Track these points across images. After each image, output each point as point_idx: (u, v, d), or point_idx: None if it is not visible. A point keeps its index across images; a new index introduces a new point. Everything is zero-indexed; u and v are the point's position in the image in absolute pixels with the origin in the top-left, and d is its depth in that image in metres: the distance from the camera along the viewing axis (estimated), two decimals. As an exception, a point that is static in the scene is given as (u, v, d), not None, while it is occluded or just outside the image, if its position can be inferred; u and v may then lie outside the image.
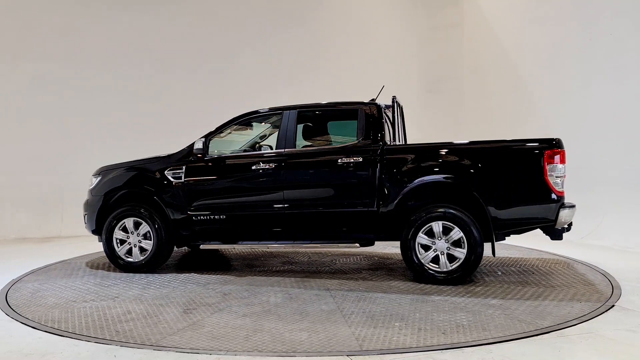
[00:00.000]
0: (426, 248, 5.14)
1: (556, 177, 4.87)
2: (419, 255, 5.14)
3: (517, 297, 4.61)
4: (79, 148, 9.46)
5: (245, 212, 5.65)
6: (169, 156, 6.00)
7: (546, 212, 4.91)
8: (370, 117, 5.47)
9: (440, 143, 5.34)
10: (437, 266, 5.10)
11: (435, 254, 5.11)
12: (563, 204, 4.92)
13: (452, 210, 5.04)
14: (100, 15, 9.64)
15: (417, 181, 5.18)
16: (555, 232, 5.09)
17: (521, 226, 5.06)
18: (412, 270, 5.26)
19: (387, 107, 5.78)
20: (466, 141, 5.32)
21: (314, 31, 11.06)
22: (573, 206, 5.06)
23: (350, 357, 3.28)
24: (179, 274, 5.84)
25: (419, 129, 9.87)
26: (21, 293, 5.02)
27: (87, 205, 6.29)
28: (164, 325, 3.98)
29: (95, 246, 7.81)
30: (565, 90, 8.71)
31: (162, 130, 9.87)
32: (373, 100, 5.65)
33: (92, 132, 9.54)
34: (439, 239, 5.08)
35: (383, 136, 5.41)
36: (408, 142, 6.46)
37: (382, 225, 5.30)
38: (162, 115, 9.93)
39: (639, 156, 7.43)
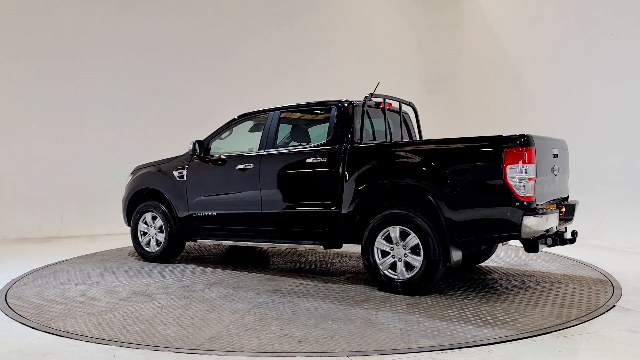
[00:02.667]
0: (385, 253, 4.84)
1: (519, 179, 4.26)
2: (377, 261, 4.85)
3: (448, 314, 4.12)
4: (79, 148, 9.45)
5: (231, 210, 5.97)
6: (179, 157, 6.49)
7: (507, 218, 4.29)
8: (339, 117, 5.30)
9: (402, 142, 5.14)
10: (395, 273, 4.79)
11: (394, 260, 4.79)
12: (533, 209, 4.28)
13: (409, 214, 4.67)
14: (99, 15, 9.62)
15: (375, 182, 4.93)
16: (526, 243, 4.55)
17: (483, 234, 4.50)
18: (370, 277, 4.99)
19: (376, 105, 5.58)
20: (424, 140, 5.10)
21: (314, 30, 11.05)
22: (543, 214, 4.33)
23: (351, 357, 3.28)
24: (182, 266, 6.28)
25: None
26: (21, 293, 5.01)
27: (123, 201, 6.96)
28: (80, 309, 4.45)
29: (95, 246, 7.85)
30: (565, 90, 8.70)
31: (164, 129, 9.87)
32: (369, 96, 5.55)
33: (92, 131, 9.53)
34: (397, 244, 4.75)
35: (351, 135, 5.21)
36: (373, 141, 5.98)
37: (345, 227, 5.12)
38: (163, 114, 9.92)
39: (639, 156, 7.42)
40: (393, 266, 4.81)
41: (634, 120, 7.48)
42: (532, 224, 4.22)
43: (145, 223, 6.58)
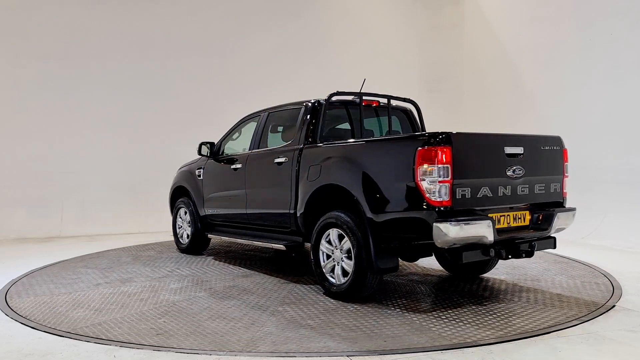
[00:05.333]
0: (329, 257, 4.69)
1: (430, 181, 3.85)
2: (322, 264, 4.73)
3: (336, 322, 3.95)
4: (79, 148, 9.45)
5: (228, 208, 6.25)
6: (202, 157, 6.82)
7: (419, 224, 3.94)
8: (304, 116, 5.26)
9: (339, 142, 4.99)
10: (334, 277, 4.63)
11: (334, 264, 4.64)
12: (448, 215, 3.85)
13: (343, 217, 4.47)
14: (99, 16, 9.61)
15: (318, 183, 4.78)
16: (450, 252, 4.13)
17: (403, 240, 4.22)
18: (317, 279, 4.87)
19: (356, 104, 5.45)
20: (354, 139, 4.96)
21: (314, 31, 11.04)
22: (461, 222, 3.82)
23: (351, 357, 3.28)
24: (202, 258, 6.77)
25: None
26: (21, 293, 5.01)
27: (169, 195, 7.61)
28: (54, 289, 5.11)
29: (96, 246, 7.85)
30: (564, 90, 8.71)
31: (164, 129, 9.88)
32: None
33: (92, 131, 9.53)
34: (336, 248, 4.59)
35: (312, 135, 5.12)
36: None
37: (303, 228, 5.04)
38: (164, 114, 9.92)
39: (638, 156, 7.42)
40: (334, 270, 4.66)
41: (634, 120, 7.48)
42: (446, 231, 3.79)
43: (181, 217, 7.19)
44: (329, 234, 4.67)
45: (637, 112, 7.47)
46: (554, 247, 4.63)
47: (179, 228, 7.24)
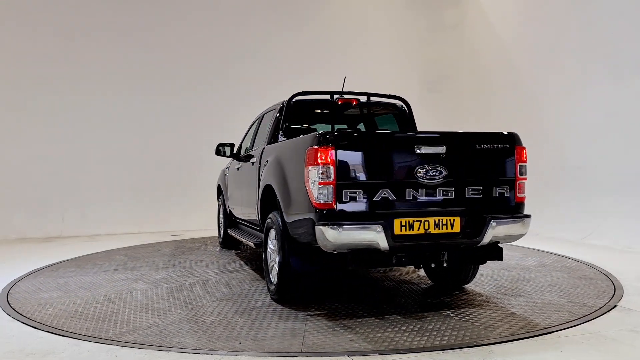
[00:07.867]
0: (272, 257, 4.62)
1: (312, 182, 3.68)
2: (268, 263, 4.64)
3: (234, 321, 3.99)
4: (80, 148, 9.46)
5: (237, 206, 6.47)
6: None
7: (308, 226, 3.78)
8: (276, 116, 5.30)
9: (275, 143, 4.97)
10: (273, 277, 4.51)
11: (273, 264, 4.51)
12: (330, 219, 3.63)
13: (276, 217, 4.35)
14: (104, 16, 9.63)
15: (264, 184, 4.75)
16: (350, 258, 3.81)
17: (306, 244, 4.05)
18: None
19: (335, 101, 5.47)
20: (282, 141, 4.94)
21: (314, 31, 11.05)
22: (342, 226, 3.58)
23: (351, 357, 3.28)
24: (229, 252, 7.18)
25: (419, 129, 9.84)
26: (22, 293, 5.02)
27: None
28: (68, 274, 5.76)
29: (96, 246, 7.85)
30: (564, 90, 8.70)
31: (164, 129, 9.88)
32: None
33: (93, 132, 9.54)
34: (275, 248, 4.50)
35: (276, 136, 5.11)
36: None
37: (263, 226, 4.98)
38: (164, 115, 9.92)
39: (639, 156, 7.41)
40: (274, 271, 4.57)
41: (634, 120, 7.47)
42: (326, 235, 3.60)
43: (220, 214, 7.59)
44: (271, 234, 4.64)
45: (637, 112, 7.47)
46: (500, 259, 4.15)
47: (220, 224, 7.60)
